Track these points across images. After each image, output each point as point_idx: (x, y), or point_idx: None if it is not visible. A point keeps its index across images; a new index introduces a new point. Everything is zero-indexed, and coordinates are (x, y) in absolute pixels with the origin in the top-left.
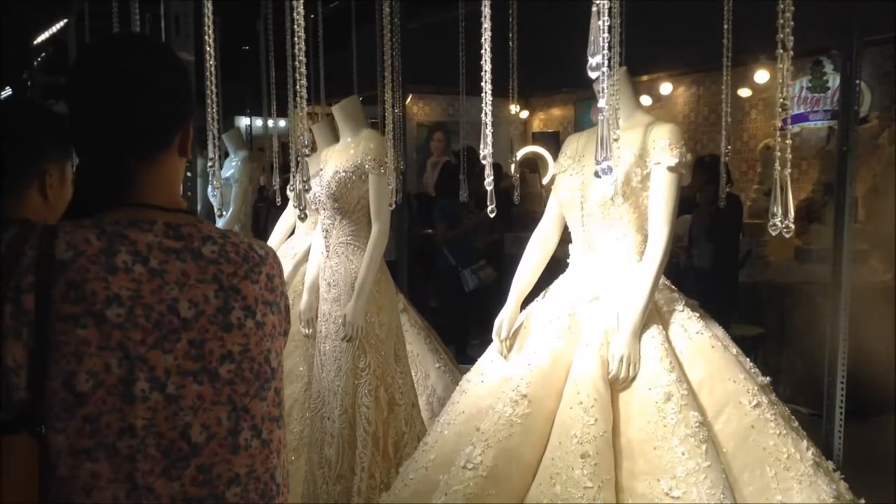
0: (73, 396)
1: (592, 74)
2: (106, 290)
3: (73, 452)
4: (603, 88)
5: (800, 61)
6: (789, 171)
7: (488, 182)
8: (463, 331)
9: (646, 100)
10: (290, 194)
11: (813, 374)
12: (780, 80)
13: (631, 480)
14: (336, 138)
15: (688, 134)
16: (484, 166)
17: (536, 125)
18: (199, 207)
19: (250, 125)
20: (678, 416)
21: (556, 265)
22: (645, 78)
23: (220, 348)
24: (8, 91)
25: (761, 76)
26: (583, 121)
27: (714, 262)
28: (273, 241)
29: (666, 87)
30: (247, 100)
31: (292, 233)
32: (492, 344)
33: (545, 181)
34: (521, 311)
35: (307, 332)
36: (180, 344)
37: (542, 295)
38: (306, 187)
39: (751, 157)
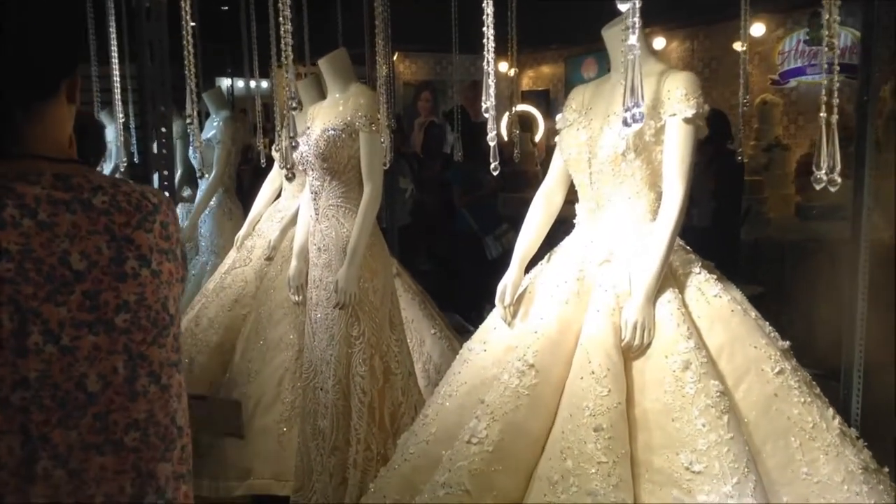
0: None
1: (623, 6)
2: None
3: None
4: (634, 22)
5: (797, 13)
6: (826, 120)
7: (491, 137)
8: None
9: None
10: (276, 155)
11: (814, 334)
12: (828, 17)
13: (647, 454)
14: (323, 96)
15: None
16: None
17: (525, 83)
18: (179, 171)
19: (232, 86)
20: (697, 385)
21: (561, 226)
22: (645, 31)
23: (116, 298)
24: None
25: (757, 29)
26: (573, 78)
27: (715, 220)
28: (259, 204)
29: (659, 42)
30: (227, 60)
31: (279, 195)
32: (494, 310)
33: (537, 139)
34: (525, 274)
35: (297, 299)
36: (74, 296)
37: (546, 258)
38: (293, 144)
39: (746, 112)
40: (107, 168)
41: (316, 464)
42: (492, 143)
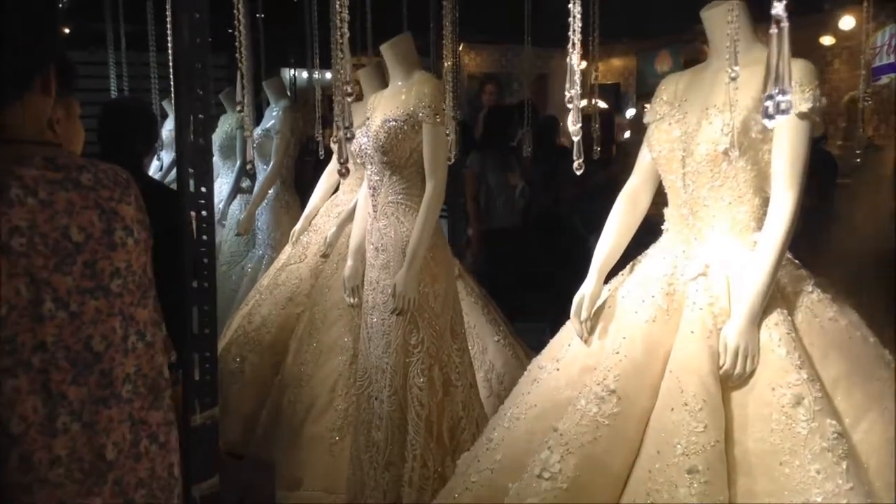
0: None
1: None
2: (8, 223)
3: None
4: None
5: (891, 6)
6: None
7: (574, 130)
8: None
9: None
10: (334, 146)
11: None
12: None
13: (750, 502)
14: (385, 86)
15: None
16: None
17: (595, 76)
18: (238, 161)
19: (294, 76)
20: (811, 424)
21: (646, 232)
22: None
23: (110, 265)
24: None
25: (846, 22)
26: (645, 72)
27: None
28: (316, 197)
29: None
30: (290, 51)
31: (336, 189)
32: (566, 325)
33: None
34: (604, 285)
35: (352, 301)
36: (76, 266)
37: (628, 268)
38: (348, 135)
39: (832, 110)
40: (166, 158)
41: (369, 478)
42: (576, 138)
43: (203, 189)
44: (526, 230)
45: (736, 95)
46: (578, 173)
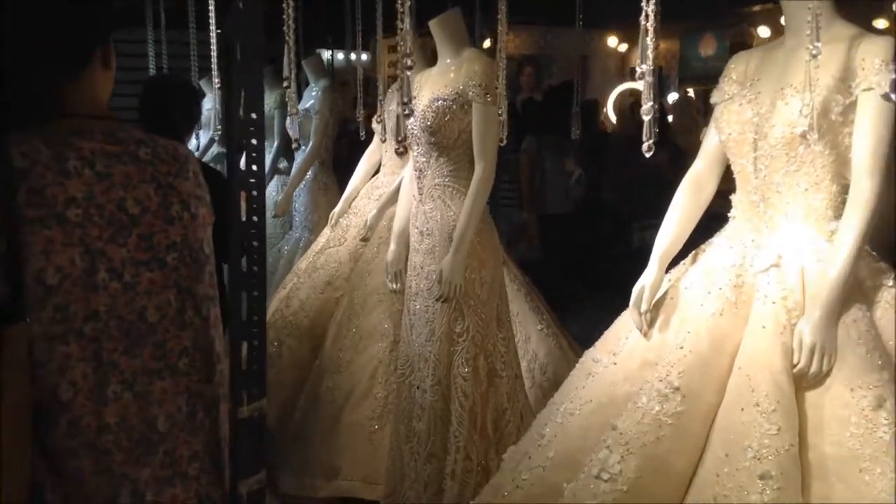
0: (44, 289)
1: None
2: (64, 193)
3: (47, 338)
4: None
5: None
6: None
7: (646, 109)
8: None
9: (764, 31)
10: (377, 127)
11: None
12: None
13: None
14: (428, 65)
15: None
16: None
17: (634, 60)
18: (276, 142)
19: (332, 57)
20: (894, 429)
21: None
22: (770, 6)
23: (166, 239)
24: None
25: None
26: (689, 55)
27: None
28: (356, 179)
29: None
30: (328, 30)
31: (377, 171)
32: (620, 316)
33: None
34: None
35: (395, 286)
36: (131, 238)
37: (691, 257)
38: (406, 111)
39: None
40: (203, 138)
41: (409, 469)
42: (647, 118)
43: (254, 167)
44: (581, 217)
45: (816, 74)
46: (648, 155)
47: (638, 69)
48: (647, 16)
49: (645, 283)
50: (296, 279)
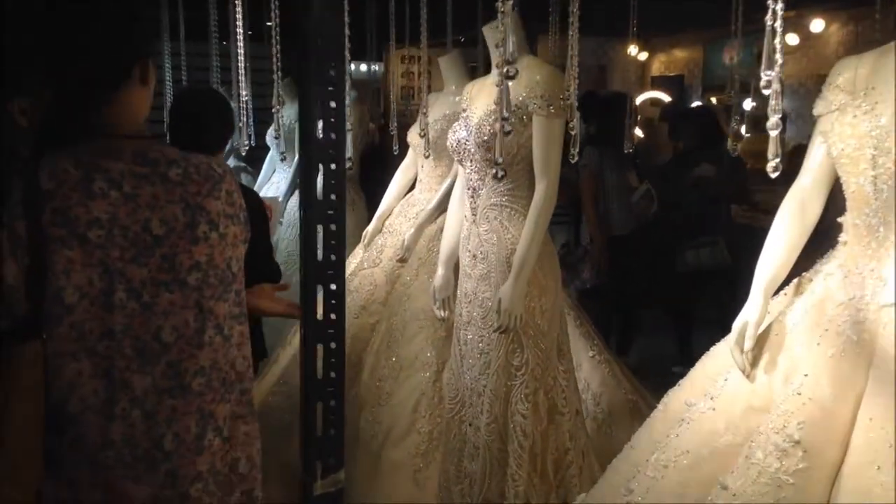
0: (62, 308)
1: None
2: (87, 215)
3: (60, 355)
4: None
5: None
6: None
7: (772, 123)
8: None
9: (792, 38)
10: (414, 140)
11: None
12: None
13: None
14: (468, 75)
15: None
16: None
17: (657, 68)
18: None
19: (350, 68)
20: None
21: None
22: (792, 13)
23: (189, 259)
24: None
25: None
26: (713, 64)
27: None
28: (390, 195)
29: (817, 24)
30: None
31: (412, 187)
32: (710, 353)
33: None
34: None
35: (443, 314)
36: (154, 258)
37: (793, 285)
38: (506, 128)
39: None
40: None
41: None
42: (773, 133)
43: (332, 196)
44: (648, 238)
45: None
46: (773, 176)
47: (763, 76)
48: (773, 14)
49: (748, 319)
50: None
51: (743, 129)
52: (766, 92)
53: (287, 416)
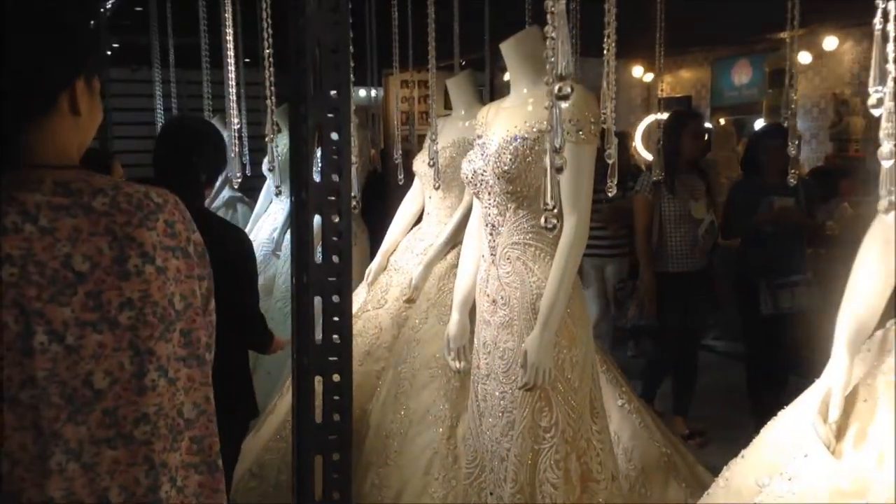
0: None
1: None
2: None
3: None
4: None
5: None
6: None
7: (886, 152)
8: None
9: (805, 56)
10: (421, 170)
11: None
12: None
13: None
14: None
15: (858, 98)
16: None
17: (664, 89)
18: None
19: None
20: None
21: None
22: (802, 31)
23: (119, 297)
24: None
25: None
26: (722, 84)
27: None
28: (395, 230)
29: (830, 42)
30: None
31: (419, 220)
32: (779, 418)
33: None
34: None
35: (458, 366)
36: (77, 297)
37: (876, 342)
38: (559, 163)
39: None
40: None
41: None
42: (886, 164)
43: (335, 259)
44: (711, 277)
45: None
46: (888, 216)
47: (873, 93)
48: (884, 15)
49: (833, 385)
50: None
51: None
52: (876, 112)
53: (284, 477)
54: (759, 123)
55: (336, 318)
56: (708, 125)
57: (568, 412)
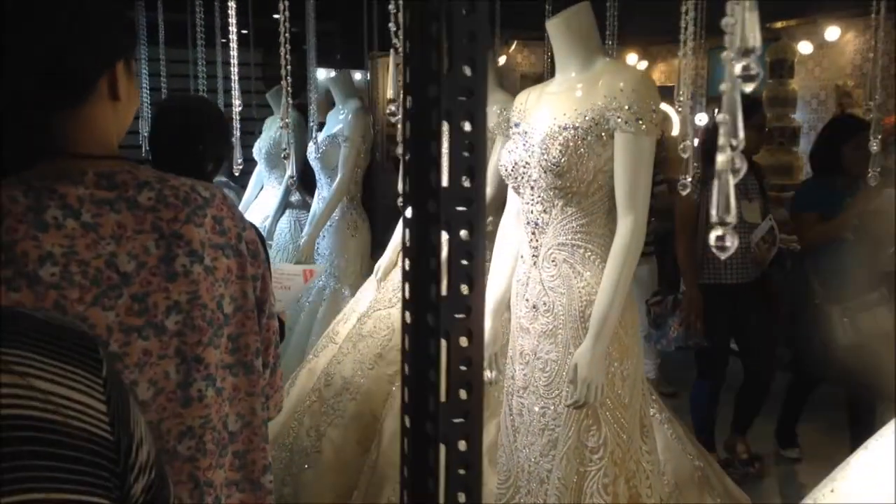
0: None
1: None
2: (37, 249)
3: None
4: None
5: None
6: None
7: None
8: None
9: (805, 46)
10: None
11: None
12: None
13: None
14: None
15: (861, 90)
16: None
17: (657, 77)
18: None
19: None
20: None
21: None
22: (794, 22)
23: (166, 300)
24: None
25: None
26: (718, 73)
27: None
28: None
29: (832, 32)
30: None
31: None
32: (860, 458)
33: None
34: None
35: (490, 376)
36: (122, 300)
37: None
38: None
39: None
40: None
41: None
42: None
43: (464, 289)
44: (768, 291)
45: None
46: None
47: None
48: None
49: None
50: (332, 347)
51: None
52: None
53: (287, 489)
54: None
55: (464, 367)
56: (704, 115)
57: (618, 431)
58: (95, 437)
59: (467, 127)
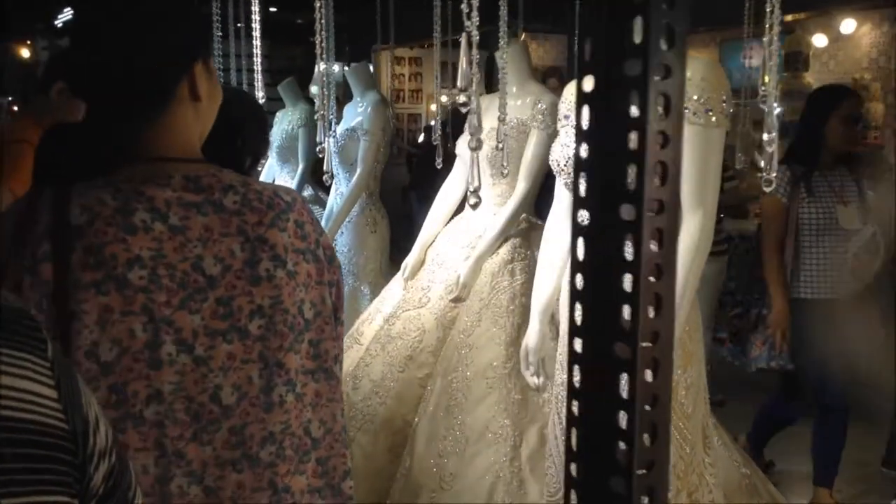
0: (98, 367)
1: None
2: (126, 252)
3: None
4: None
5: None
6: None
7: None
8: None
9: (820, 39)
10: (463, 150)
11: None
12: None
13: None
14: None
15: (879, 83)
16: None
17: None
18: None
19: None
20: None
21: None
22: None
23: (249, 304)
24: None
25: None
26: (730, 65)
27: None
28: (435, 220)
29: (848, 25)
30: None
31: (458, 210)
32: None
33: None
34: None
35: (538, 382)
36: (207, 303)
37: None
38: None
39: None
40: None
41: None
42: None
43: (651, 312)
44: (871, 307)
45: None
46: None
47: None
48: None
49: None
50: (359, 349)
51: None
52: None
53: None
54: (776, 109)
55: (648, 407)
56: None
57: (680, 443)
58: (49, 429)
59: (660, 115)
